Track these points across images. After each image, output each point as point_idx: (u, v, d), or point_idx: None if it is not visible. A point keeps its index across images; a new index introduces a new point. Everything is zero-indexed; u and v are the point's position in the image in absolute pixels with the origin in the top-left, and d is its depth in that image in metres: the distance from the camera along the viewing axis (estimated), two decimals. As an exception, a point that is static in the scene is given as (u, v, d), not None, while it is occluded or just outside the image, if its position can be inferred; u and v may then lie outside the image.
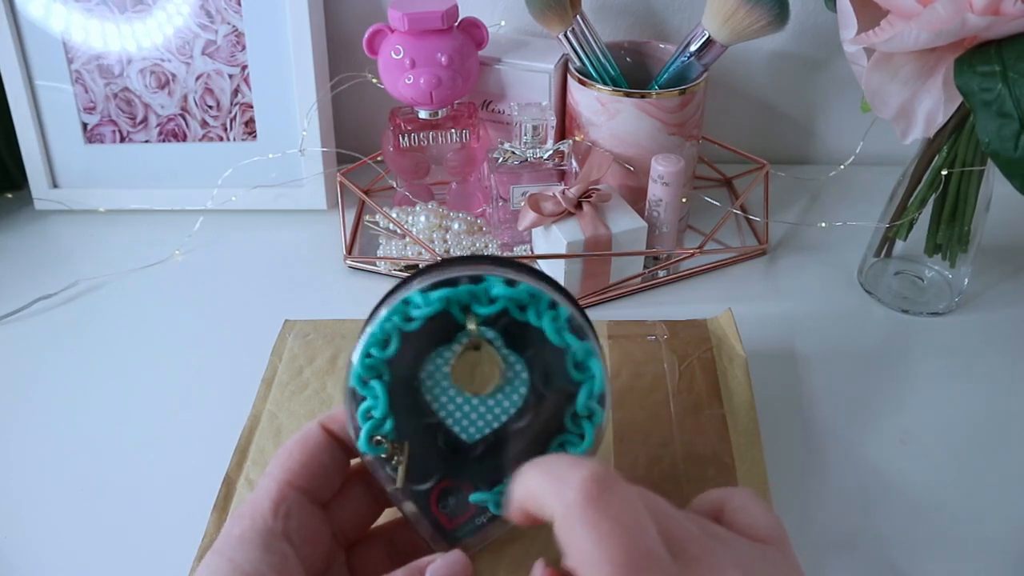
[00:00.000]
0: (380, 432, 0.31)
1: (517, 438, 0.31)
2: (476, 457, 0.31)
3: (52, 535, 0.43)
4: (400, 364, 0.31)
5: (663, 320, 0.52)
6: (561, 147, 0.60)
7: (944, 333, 0.55)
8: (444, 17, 0.58)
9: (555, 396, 0.31)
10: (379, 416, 0.31)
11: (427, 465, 0.31)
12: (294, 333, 0.52)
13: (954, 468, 0.46)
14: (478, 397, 0.31)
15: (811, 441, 0.47)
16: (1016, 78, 0.40)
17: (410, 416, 0.31)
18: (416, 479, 0.31)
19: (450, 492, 0.31)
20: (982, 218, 0.54)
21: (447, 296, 0.30)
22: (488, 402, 0.31)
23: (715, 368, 0.48)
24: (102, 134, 0.69)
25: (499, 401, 0.31)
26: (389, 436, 0.31)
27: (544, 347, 0.31)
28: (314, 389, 0.49)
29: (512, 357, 0.31)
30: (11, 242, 0.67)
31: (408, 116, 0.63)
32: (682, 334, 0.51)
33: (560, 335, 0.30)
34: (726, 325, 0.51)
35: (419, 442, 0.31)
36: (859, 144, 0.63)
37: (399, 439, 0.31)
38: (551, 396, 0.31)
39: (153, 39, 0.66)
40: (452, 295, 0.30)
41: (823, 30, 0.69)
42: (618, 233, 0.56)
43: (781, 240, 0.65)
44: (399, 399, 0.31)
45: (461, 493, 0.31)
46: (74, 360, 0.55)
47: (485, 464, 0.31)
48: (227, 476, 0.43)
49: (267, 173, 0.68)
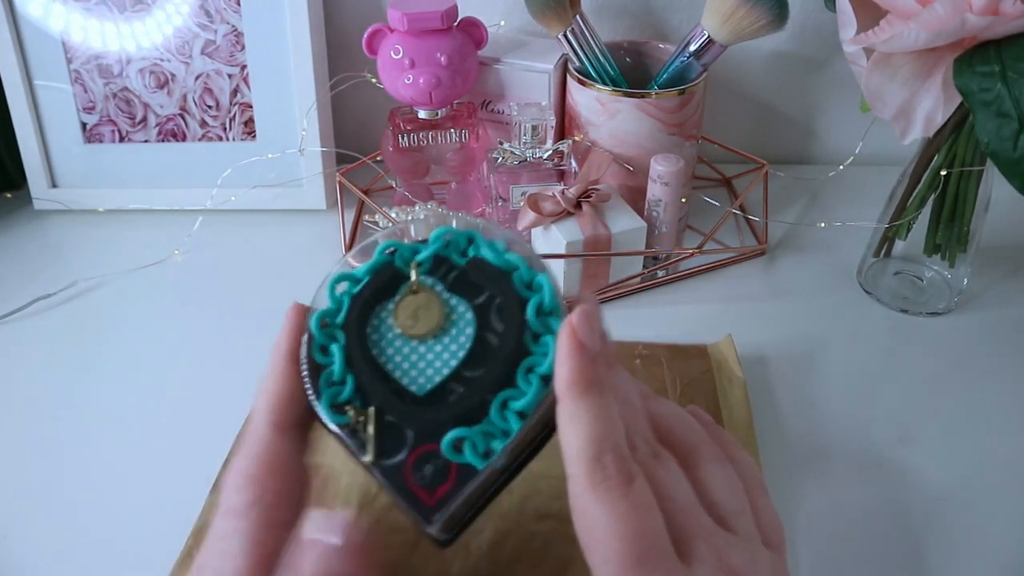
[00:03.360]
0: (341, 397, 0.29)
1: (475, 380, 0.30)
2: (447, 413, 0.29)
3: (52, 534, 0.43)
4: (352, 325, 0.30)
5: (663, 343, 0.52)
6: (561, 147, 0.60)
7: (943, 333, 0.55)
8: (444, 17, 0.58)
9: (509, 326, 0.30)
10: (337, 378, 0.30)
11: (396, 431, 0.29)
12: None
13: (954, 468, 0.46)
14: (425, 344, 0.30)
15: (810, 441, 0.47)
16: (1015, 78, 0.40)
17: (371, 379, 0.29)
18: (387, 450, 0.29)
19: (426, 460, 0.29)
20: (981, 218, 0.54)
21: (388, 246, 0.31)
22: (435, 348, 0.30)
23: (715, 387, 0.49)
24: (101, 134, 0.69)
25: (447, 345, 0.30)
26: (352, 400, 0.29)
27: (493, 284, 0.31)
28: None
29: (454, 299, 0.31)
30: (10, 242, 0.67)
31: (408, 116, 0.63)
32: (682, 357, 0.51)
33: (501, 256, 0.30)
34: (726, 350, 0.51)
35: (385, 405, 0.29)
36: (859, 144, 0.63)
37: (363, 404, 0.29)
38: (505, 328, 0.30)
39: (152, 39, 0.66)
40: (393, 245, 0.31)
41: (823, 30, 0.69)
42: (618, 233, 0.56)
43: (780, 240, 0.65)
44: (357, 362, 0.30)
45: (438, 459, 0.29)
46: (73, 360, 0.55)
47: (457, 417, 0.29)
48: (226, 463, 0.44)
49: (266, 173, 0.68)
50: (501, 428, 0.29)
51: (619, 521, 0.26)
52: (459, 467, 0.29)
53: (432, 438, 0.29)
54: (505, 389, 0.29)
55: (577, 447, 0.27)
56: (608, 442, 0.27)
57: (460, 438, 0.28)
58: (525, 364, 0.29)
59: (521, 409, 0.29)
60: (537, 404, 0.29)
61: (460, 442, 0.29)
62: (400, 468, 0.29)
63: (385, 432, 0.29)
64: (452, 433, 0.29)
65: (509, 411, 0.29)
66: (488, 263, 0.31)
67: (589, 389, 0.27)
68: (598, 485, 0.26)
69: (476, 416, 0.29)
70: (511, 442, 0.29)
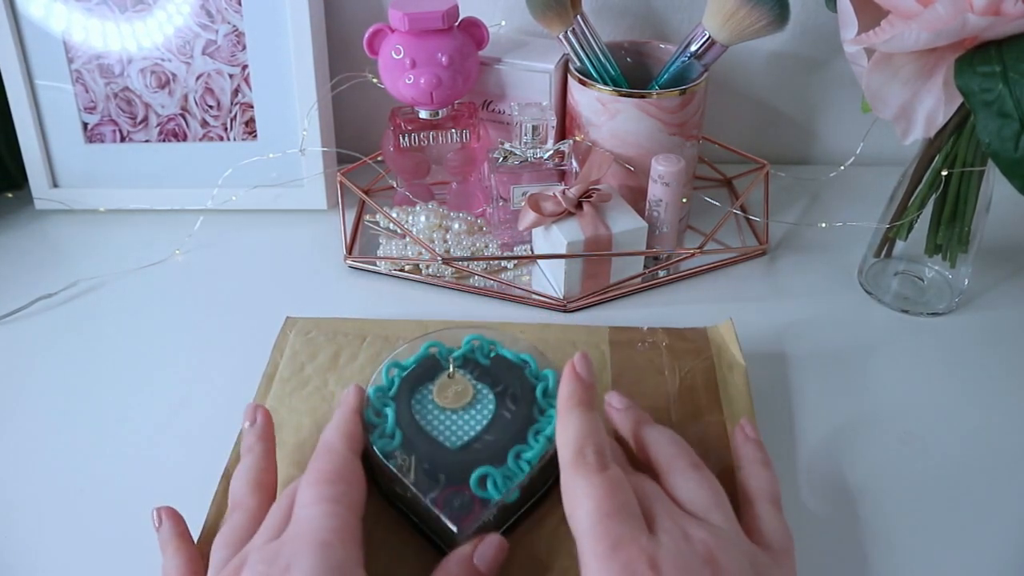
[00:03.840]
0: (390, 447, 0.39)
1: (496, 439, 0.39)
2: (473, 460, 0.38)
3: (52, 534, 0.43)
4: (401, 396, 0.41)
5: (664, 327, 0.52)
6: (561, 147, 0.60)
7: (944, 333, 0.55)
8: (444, 17, 0.58)
9: (521, 403, 0.41)
10: (388, 433, 0.40)
11: (430, 473, 0.38)
12: (296, 330, 0.52)
13: (954, 468, 0.46)
14: (456, 413, 0.41)
15: (810, 441, 0.47)
16: (1016, 78, 0.40)
17: (414, 435, 0.39)
18: (424, 487, 0.37)
19: (454, 496, 0.37)
20: (982, 218, 0.54)
21: (431, 345, 0.44)
22: (464, 416, 0.41)
23: (715, 375, 0.48)
24: (102, 134, 0.69)
25: (473, 415, 0.41)
26: (398, 449, 0.39)
27: (510, 375, 0.42)
28: (315, 386, 0.48)
29: (480, 385, 0.42)
30: (11, 242, 0.67)
31: (408, 116, 0.63)
32: (682, 341, 0.51)
33: (517, 356, 0.43)
34: (726, 334, 0.51)
35: (422, 455, 0.39)
36: (859, 144, 0.63)
37: (406, 453, 0.39)
38: (517, 404, 0.41)
39: (153, 39, 0.66)
40: (435, 344, 0.44)
41: (823, 30, 0.69)
42: (618, 233, 0.56)
43: (781, 240, 0.65)
44: (403, 421, 0.40)
45: (464, 495, 0.37)
46: (74, 360, 0.55)
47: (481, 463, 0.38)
48: (226, 471, 0.43)
49: (267, 173, 0.68)
50: (515, 471, 0.38)
51: (594, 488, 0.33)
52: (479, 500, 0.37)
53: (460, 481, 0.38)
54: (518, 445, 0.39)
55: (565, 442, 0.35)
56: (590, 440, 0.35)
57: (485, 475, 0.38)
58: (534, 428, 0.40)
59: (530, 459, 0.38)
60: (542, 455, 0.39)
61: (485, 478, 0.38)
62: (433, 502, 0.37)
63: (423, 475, 0.38)
64: (480, 470, 0.38)
65: (522, 460, 0.38)
66: (506, 359, 0.43)
67: (580, 404, 0.36)
68: (579, 468, 0.34)
69: (496, 463, 0.38)
70: (523, 481, 0.38)
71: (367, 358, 0.50)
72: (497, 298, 0.59)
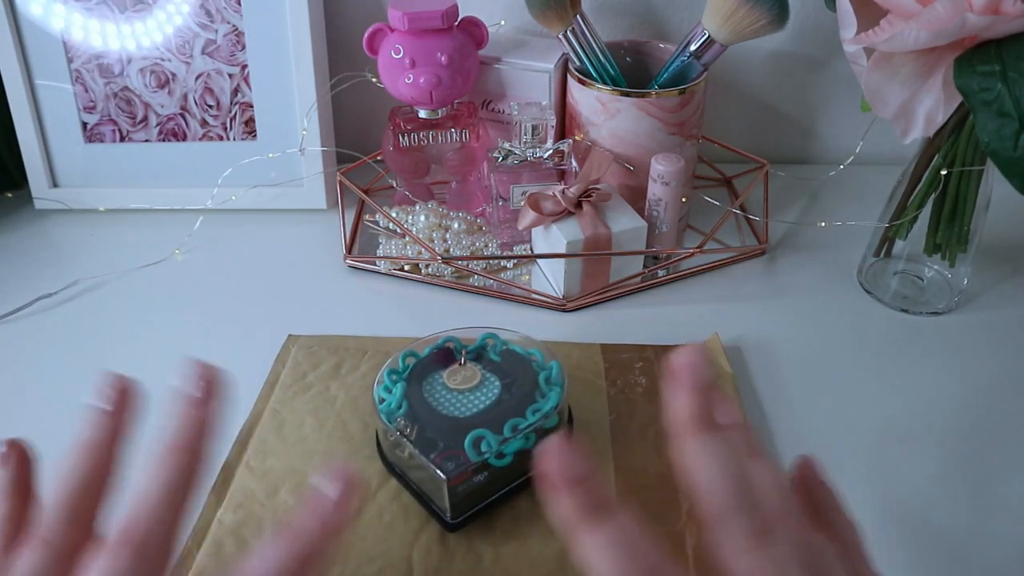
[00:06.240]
0: (397, 413, 0.42)
1: (495, 416, 0.42)
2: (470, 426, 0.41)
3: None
4: (412, 378, 0.45)
5: (652, 344, 0.53)
6: (561, 146, 0.60)
7: (944, 333, 0.55)
8: (444, 16, 0.58)
9: (524, 386, 0.44)
10: (395, 404, 0.43)
11: (431, 438, 0.41)
12: (298, 345, 0.53)
13: (954, 467, 0.46)
14: (463, 394, 0.44)
15: (810, 440, 0.47)
16: (1016, 78, 0.40)
17: (418, 406, 0.43)
18: (424, 449, 0.40)
19: (449, 459, 0.40)
20: (981, 218, 0.54)
21: (447, 340, 0.47)
22: (470, 396, 0.44)
23: None
24: (102, 133, 0.69)
25: (478, 396, 0.44)
26: (403, 415, 0.42)
27: (517, 366, 0.45)
28: (318, 390, 0.49)
29: (487, 373, 0.45)
30: (11, 241, 0.67)
31: (408, 115, 0.63)
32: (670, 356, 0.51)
33: (526, 350, 0.46)
34: (713, 348, 0.52)
35: (424, 422, 0.42)
36: (859, 144, 0.63)
37: (409, 420, 0.42)
38: (521, 387, 0.44)
39: (153, 38, 0.66)
40: (450, 340, 0.47)
41: (823, 30, 0.69)
42: (618, 232, 0.56)
43: (781, 240, 0.65)
44: (411, 396, 0.43)
45: (459, 459, 0.40)
46: (74, 359, 0.55)
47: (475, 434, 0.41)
48: (226, 463, 0.44)
49: (267, 172, 0.68)
50: (510, 439, 0.41)
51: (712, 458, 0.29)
52: (473, 464, 0.40)
53: (456, 446, 0.40)
54: (515, 418, 0.42)
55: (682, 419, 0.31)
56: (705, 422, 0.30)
57: (479, 437, 0.40)
58: (532, 407, 0.43)
59: (524, 427, 0.41)
60: (536, 426, 0.41)
61: (479, 440, 0.40)
62: (431, 462, 0.40)
63: (424, 440, 0.41)
64: (474, 432, 0.40)
65: (518, 430, 0.41)
66: (516, 352, 0.46)
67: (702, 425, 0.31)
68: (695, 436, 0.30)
69: (493, 431, 0.41)
70: (515, 447, 0.41)
71: (369, 368, 0.51)
72: (497, 297, 0.59)
